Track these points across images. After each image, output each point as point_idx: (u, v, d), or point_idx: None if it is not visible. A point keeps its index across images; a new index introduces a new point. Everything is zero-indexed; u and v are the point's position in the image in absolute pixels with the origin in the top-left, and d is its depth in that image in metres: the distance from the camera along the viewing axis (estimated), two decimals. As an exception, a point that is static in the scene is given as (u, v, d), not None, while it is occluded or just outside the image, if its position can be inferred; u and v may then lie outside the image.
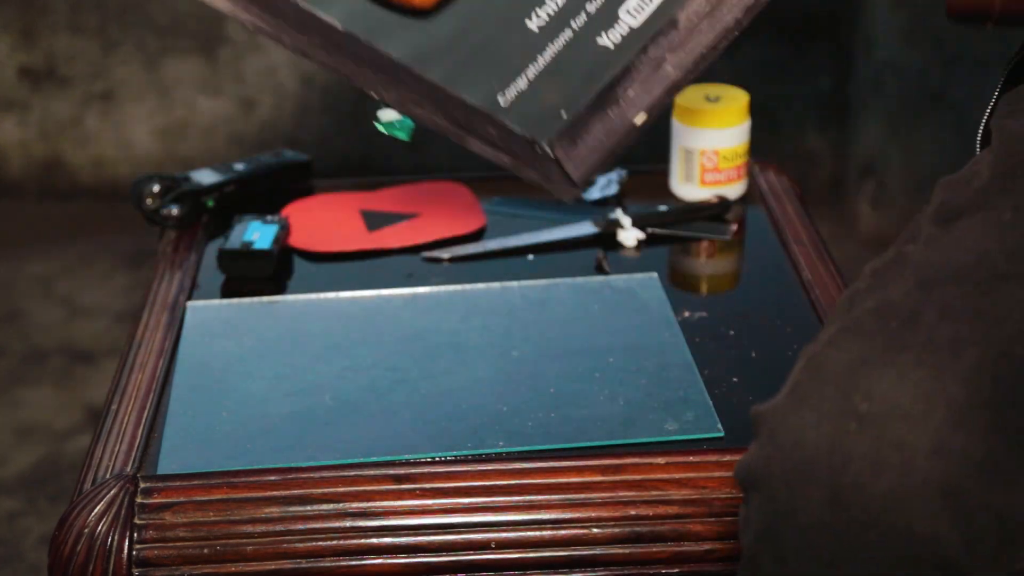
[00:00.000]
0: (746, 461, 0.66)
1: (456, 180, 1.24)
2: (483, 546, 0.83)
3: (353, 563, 0.82)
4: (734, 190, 1.20)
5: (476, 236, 1.15)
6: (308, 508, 0.83)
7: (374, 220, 1.17)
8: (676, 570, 0.84)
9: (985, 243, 0.67)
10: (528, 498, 0.83)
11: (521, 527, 0.83)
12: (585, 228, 1.14)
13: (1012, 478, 0.60)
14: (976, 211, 0.68)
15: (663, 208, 1.17)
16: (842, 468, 0.61)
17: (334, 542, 0.82)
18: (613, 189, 1.21)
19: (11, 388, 1.88)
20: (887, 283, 0.67)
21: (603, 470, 0.84)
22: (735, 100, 1.21)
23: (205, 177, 1.19)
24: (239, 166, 1.22)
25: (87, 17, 2.26)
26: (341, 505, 0.83)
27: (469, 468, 0.85)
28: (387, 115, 0.72)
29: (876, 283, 0.68)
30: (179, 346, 1.00)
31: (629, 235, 1.13)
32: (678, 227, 1.15)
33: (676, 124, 1.20)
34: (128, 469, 0.86)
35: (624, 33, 0.67)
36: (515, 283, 1.07)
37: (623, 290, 1.06)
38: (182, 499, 0.83)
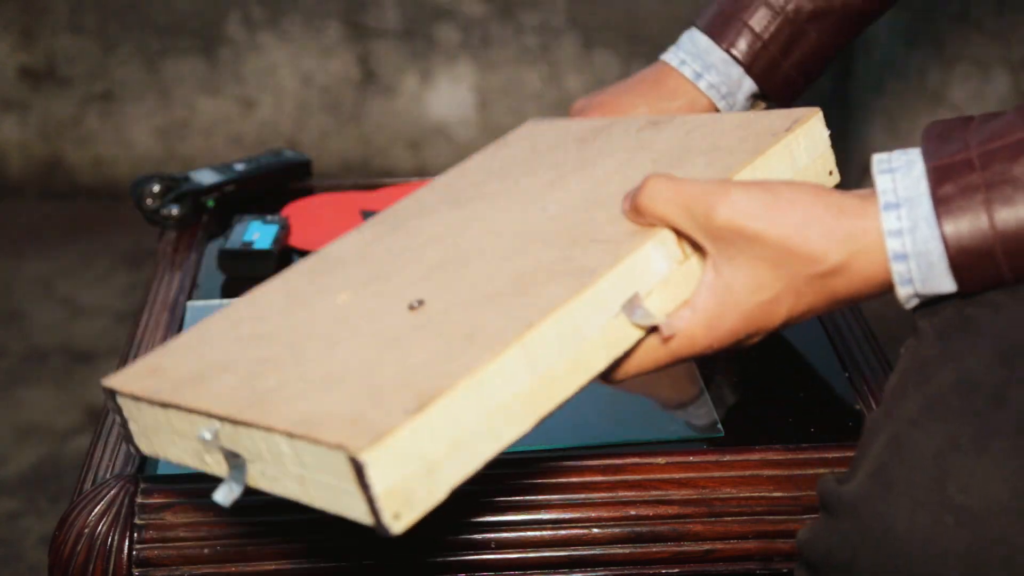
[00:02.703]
0: (823, 541, 0.64)
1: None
2: (483, 546, 0.83)
3: (353, 563, 0.82)
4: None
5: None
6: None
7: (374, 220, 1.17)
8: (676, 570, 0.84)
9: None
10: (528, 498, 0.83)
11: (521, 527, 0.83)
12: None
13: None
14: None
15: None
16: (940, 565, 0.60)
17: (334, 542, 0.82)
18: None
19: (11, 388, 1.88)
20: (962, 353, 0.64)
21: (603, 470, 0.85)
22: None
23: (205, 177, 1.19)
24: (239, 166, 1.22)
25: (87, 17, 2.26)
26: (341, 505, 0.83)
27: (469, 468, 0.85)
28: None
29: (949, 352, 0.64)
30: (179, 346, 1.00)
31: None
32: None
33: (676, 124, 1.20)
34: (128, 469, 0.86)
35: None
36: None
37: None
38: (182, 499, 0.83)
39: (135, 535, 0.82)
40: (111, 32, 2.26)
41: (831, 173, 0.82)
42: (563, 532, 0.83)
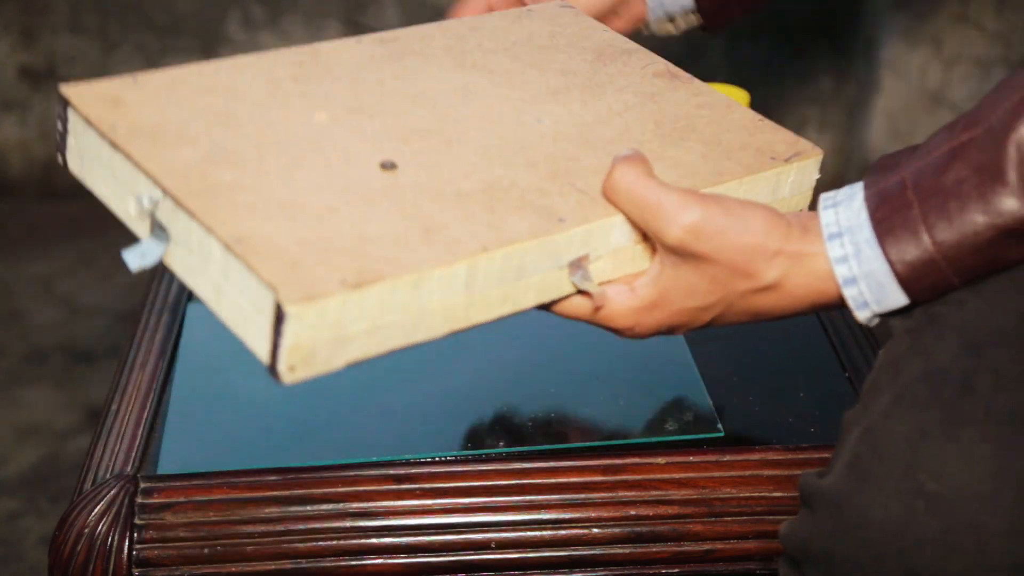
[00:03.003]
0: (802, 534, 0.65)
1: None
2: (483, 546, 0.83)
3: (353, 563, 0.82)
4: (734, 190, 1.20)
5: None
6: (308, 508, 0.83)
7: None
8: (676, 570, 0.84)
9: (1020, 302, 0.66)
10: (528, 498, 0.83)
11: (521, 527, 0.83)
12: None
13: None
14: (1000, 271, 0.67)
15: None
16: (913, 551, 0.61)
17: (334, 542, 0.82)
18: None
19: (11, 388, 1.87)
20: (930, 347, 0.65)
21: (603, 470, 0.84)
22: (735, 100, 1.21)
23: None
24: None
25: (87, 17, 2.26)
26: (341, 505, 0.83)
27: (469, 468, 0.85)
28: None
29: (917, 346, 0.66)
30: (179, 346, 1.00)
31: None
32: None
33: (676, 124, 1.20)
34: (128, 469, 0.86)
35: None
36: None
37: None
38: (182, 499, 0.83)
39: (135, 535, 0.82)
40: (111, 32, 2.26)
41: (801, 211, 0.83)
42: (563, 532, 0.83)
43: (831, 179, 2.25)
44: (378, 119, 0.77)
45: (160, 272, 1.10)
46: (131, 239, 0.72)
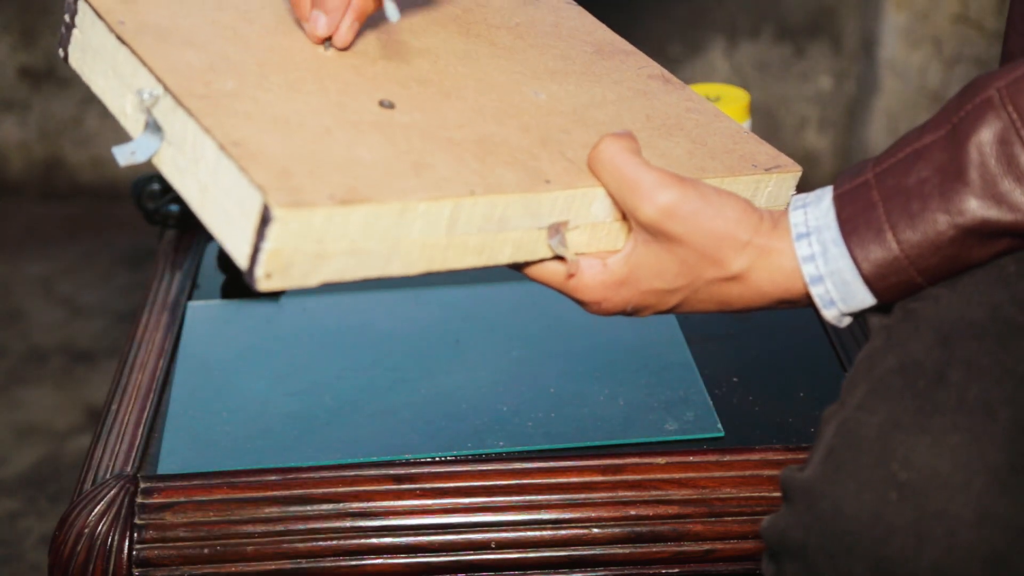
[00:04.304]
0: (780, 526, 0.66)
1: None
2: (483, 546, 0.83)
3: (353, 563, 0.82)
4: (734, 190, 1.20)
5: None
6: (308, 508, 0.83)
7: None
8: (676, 570, 0.84)
9: (994, 296, 0.67)
10: (528, 498, 0.83)
11: (521, 527, 0.83)
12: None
13: None
14: (976, 268, 0.68)
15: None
16: (885, 540, 0.61)
17: (334, 542, 0.82)
18: None
19: (11, 388, 1.88)
20: (904, 340, 0.66)
21: (603, 470, 0.85)
22: (735, 100, 1.21)
23: (205, 177, 1.19)
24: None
25: (87, 17, 2.27)
26: (341, 505, 0.83)
27: (469, 468, 0.85)
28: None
29: (892, 340, 0.67)
30: (179, 346, 1.00)
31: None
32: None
33: (676, 124, 1.20)
34: (128, 469, 0.86)
35: None
36: (516, 282, 1.07)
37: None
38: (182, 499, 0.83)
39: (135, 535, 0.82)
40: (111, 32, 2.27)
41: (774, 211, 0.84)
42: (563, 532, 0.83)
43: (831, 179, 2.25)
44: (380, 64, 0.78)
45: (160, 272, 1.10)
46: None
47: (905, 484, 0.61)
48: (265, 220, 0.63)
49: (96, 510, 0.82)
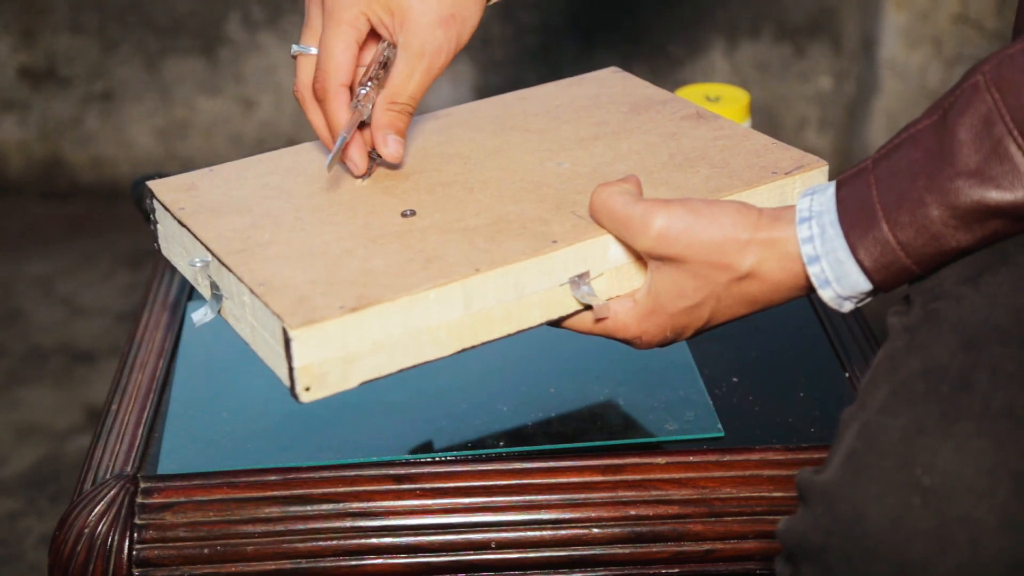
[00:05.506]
0: (798, 529, 0.65)
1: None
2: (483, 546, 0.83)
3: (353, 563, 0.82)
4: (734, 190, 1.20)
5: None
6: (308, 508, 0.83)
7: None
8: (676, 570, 0.84)
9: (1018, 299, 0.66)
10: (528, 498, 0.83)
11: (521, 527, 0.83)
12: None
13: None
14: (999, 266, 0.68)
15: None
16: (907, 545, 0.61)
17: (334, 542, 0.82)
18: None
19: (11, 388, 1.88)
20: (928, 343, 0.66)
21: (603, 470, 0.85)
22: (735, 100, 1.21)
23: (205, 177, 1.19)
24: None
25: (87, 17, 2.26)
26: (341, 505, 0.83)
27: (469, 468, 0.85)
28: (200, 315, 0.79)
29: (915, 342, 0.67)
30: (179, 346, 1.00)
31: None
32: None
33: (676, 124, 1.20)
34: (128, 469, 0.86)
35: None
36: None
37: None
38: (182, 499, 0.83)
39: (135, 535, 0.82)
40: (111, 32, 2.26)
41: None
42: (563, 532, 0.83)
43: (829, 180, 2.25)
44: (412, 178, 0.85)
45: (160, 272, 1.10)
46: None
47: (928, 489, 0.61)
48: (287, 341, 0.70)
49: (96, 510, 0.82)
